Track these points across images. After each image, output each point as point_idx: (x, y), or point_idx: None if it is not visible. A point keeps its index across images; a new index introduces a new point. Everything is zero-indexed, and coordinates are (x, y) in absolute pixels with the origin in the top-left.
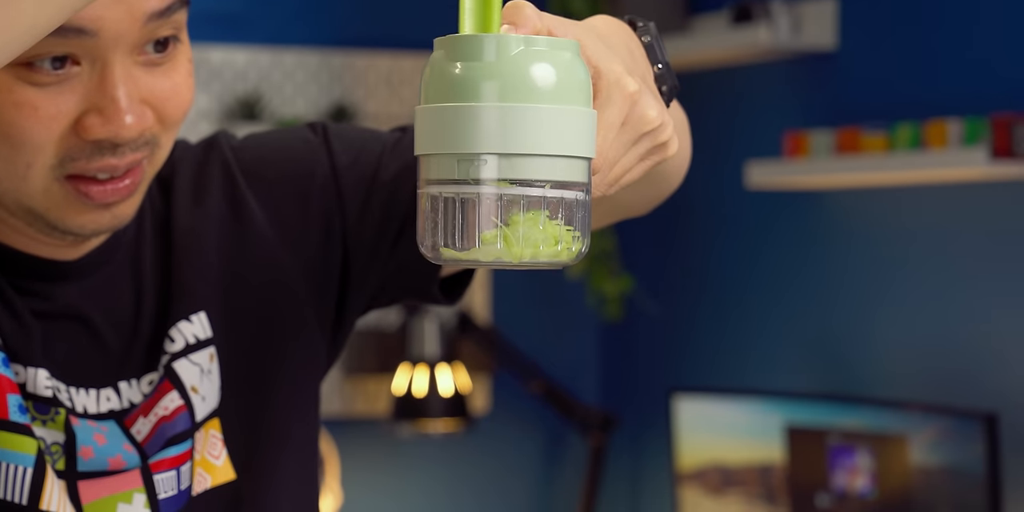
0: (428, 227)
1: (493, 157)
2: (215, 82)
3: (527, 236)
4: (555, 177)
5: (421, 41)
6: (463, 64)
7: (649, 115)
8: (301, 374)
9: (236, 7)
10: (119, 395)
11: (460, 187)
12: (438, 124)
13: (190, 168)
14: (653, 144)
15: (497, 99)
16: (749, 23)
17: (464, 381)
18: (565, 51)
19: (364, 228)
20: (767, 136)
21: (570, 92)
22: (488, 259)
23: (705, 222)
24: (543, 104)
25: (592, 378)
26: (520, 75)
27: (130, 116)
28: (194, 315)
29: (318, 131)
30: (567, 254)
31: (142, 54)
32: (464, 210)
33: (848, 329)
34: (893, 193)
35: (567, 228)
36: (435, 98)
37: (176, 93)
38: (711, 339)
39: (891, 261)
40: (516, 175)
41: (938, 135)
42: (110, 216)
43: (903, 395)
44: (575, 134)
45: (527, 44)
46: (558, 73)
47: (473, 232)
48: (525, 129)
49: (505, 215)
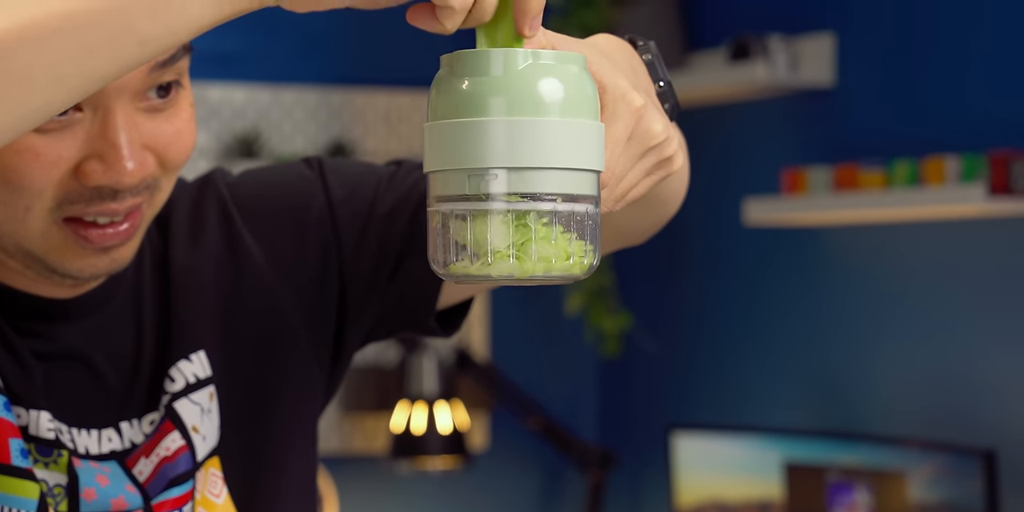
0: (439, 244)
1: (503, 171)
2: (214, 120)
3: (539, 251)
4: (565, 190)
5: (419, 78)
6: (470, 80)
7: (655, 129)
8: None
9: (235, 45)
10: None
11: (471, 203)
12: (447, 140)
13: (186, 206)
14: (659, 158)
15: (505, 113)
16: (747, 60)
17: (462, 418)
18: (572, 65)
19: (360, 261)
20: (765, 173)
21: (578, 105)
22: (500, 274)
23: (703, 259)
24: (551, 117)
25: (591, 415)
26: (528, 89)
27: (131, 162)
28: (194, 354)
29: (313, 166)
30: (579, 268)
31: (144, 100)
32: (475, 226)
33: (846, 366)
34: (891, 229)
35: (579, 241)
36: (443, 114)
37: (179, 138)
38: (709, 376)
39: (889, 298)
40: (526, 189)
41: (936, 172)
42: (108, 260)
43: (902, 432)
44: (584, 147)
45: (534, 58)
46: (566, 87)
47: (484, 248)
48: (534, 143)
49: (516, 230)
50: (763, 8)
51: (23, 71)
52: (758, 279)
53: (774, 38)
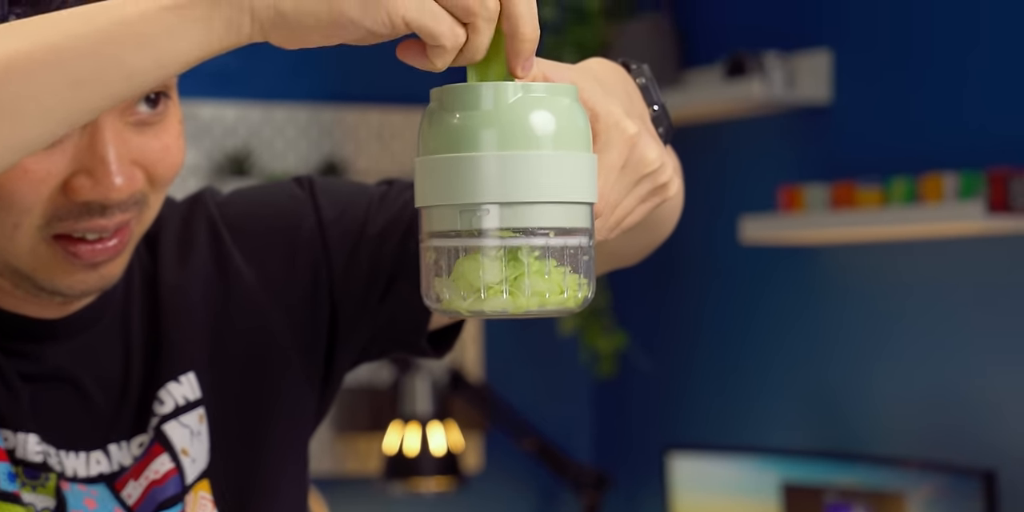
0: (431, 279)
1: (495, 206)
2: (205, 138)
3: (533, 286)
4: (558, 224)
5: (411, 96)
6: (461, 114)
7: (649, 156)
8: (290, 431)
9: (226, 62)
10: (109, 458)
11: (463, 239)
12: (438, 175)
13: (176, 225)
14: (653, 185)
15: (496, 148)
16: (743, 77)
17: (456, 439)
18: (563, 96)
19: (351, 282)
20: (761, 190)
21: (569, 137)
22: (494, 310)
23: (699, 278)
24: (543, 151)
25: (586, 436)
26: (519, 123)
27: (120, 178)
28: (183, 376)
29: (304, 185)
30: (574, 301)
31: (133, 114)
32: (467, 261)
33: (844, 385)
34: (888, 248)
35: (573, 275)
36: (434, 149)
37: (168, 154)
38: (706, 396)
39: (887, 317)
40: (519, 224)
41: (934, 189)
42: (97, 276)
43: (900, 452)
44: (576, 179)
45: (524, 91)
46: (557, 119)
47: (478, 283)
48: (526, 177)
49: (509, 265)
50: (759, 24)
51: (10, 104)
52: (755, 298)
53: (770, 55)
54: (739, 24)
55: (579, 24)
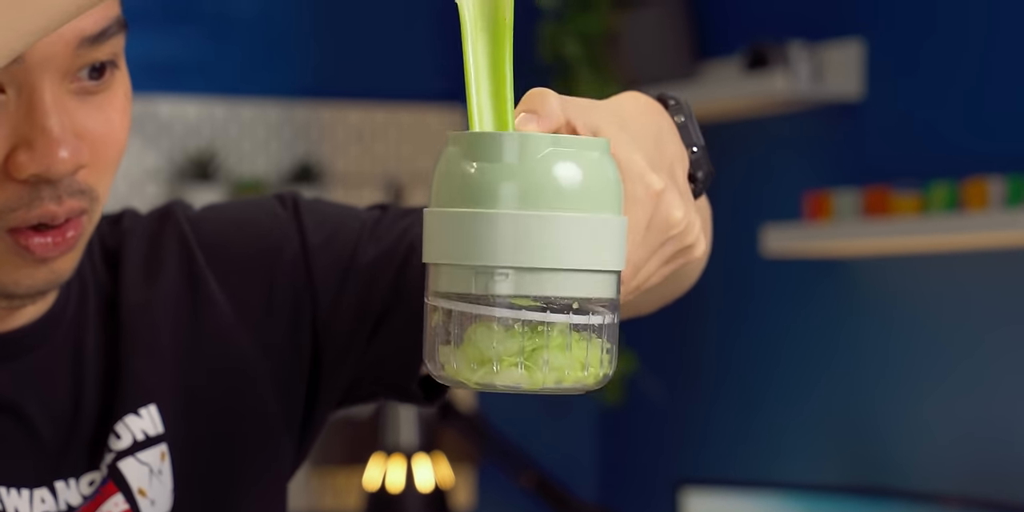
0: (437, 344)
1: (512, 271)
2: (164, 137)
3: (552, 361)
4: (583, 294)
5: (395, 92)
6: (480, 165)
7: (675, 216)
8: (265, 475)
9: (187, 53)
10: (55, 497)
11: (476, 307)
12: (450, 231)
13: (142, 241)
14: (679, 247)
15: (518, 206)
16: (765, 69)
17: (445, 474)
18: (594, 152)
19: (338, 317)
20: (785, 197)
21: (599, 198)
22: (506, 385)
23: (716, 294)
24: (569, 213)
25: (589, 470)
26: (544, 179)
27: (64, 149)
28: (143, 408)
29: (287, 204)
30: (594, 379)
31: (75, 81)
32: (479, 329)
33: (878, 414)
34: (927, 261)
35: (595, 349)
36: (447, 201)
37: (111, 131)
38: (724, 426)
39: (925, 338)
40: (539, 292)
41: (978, 195)
42: (47, 271)
43: (940, 487)
44: (605, 245)
45: (554, 145)
46: (586, 177)
47: (490, 354)
48: (549, 240)
49: (527, 336)
50: (783, 12)
51: None
52: (778, 316)
53: (795, 45)
54: (761, 11)
55: (583, 11)
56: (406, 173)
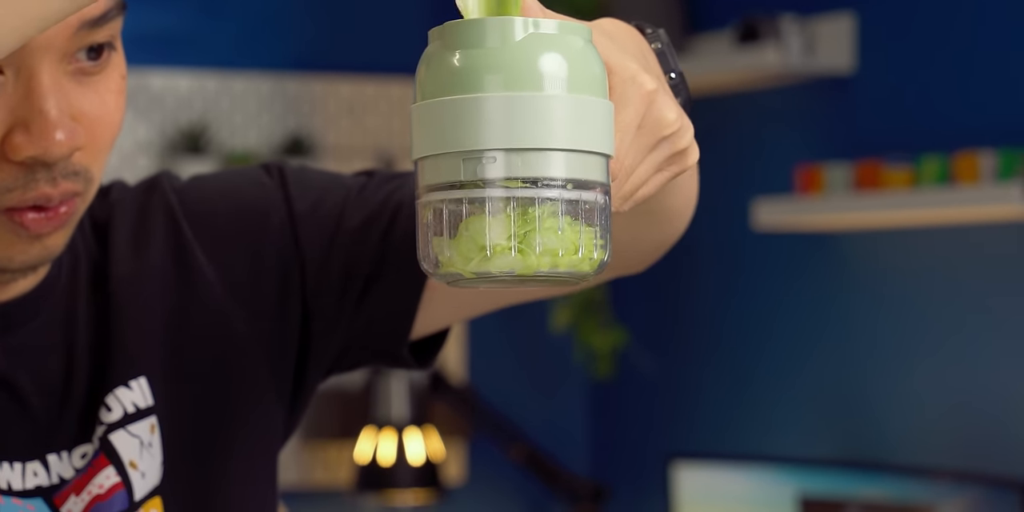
0: (429, 239)
1: (501, 153)
2: (155, 110)
3: (545, 243)
4: (572, 175)
5: (386, 64)
6: (463, 52)
7: (668, 117)
8: (255, 446)
9: (179, 26)
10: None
11: (466, 191)
12: (436, 121)
13: (130, 213)
14: (672, 151)
15: (503, 89)
16: (756, 43)
17: (436, 447)
18: (577, 36)
19: (326, 284)
20: (777, 170)
21: (585, 81)
22: (500, 270)
23: (707, 268)
24: (555, 93)
25: (580, 443)
26: (528, 62)
27: (61, 132)
28: (134, 381)
29: (273, 173)
30: (588, 264)
31: (73, 62)
32: (471, 216)
33: (868, 388)
34: (918, 234)
35: (588, 232)
36: (432, 93)
37: (106, 112)
38: (714, 399)
39: (916, 311)
40: (528, 173)
41: (969, 169)
42: (40, 247)
43: (930, 462)
44: (593, 126)
45: (535, 27)
46: (571, 60)
47: (483, 241)
48: (536, 121)
49: (519, 219)
50: None
51: None
52: (769, 290)
53: (787, 18)
54: None
55: None
56: (397, 146)
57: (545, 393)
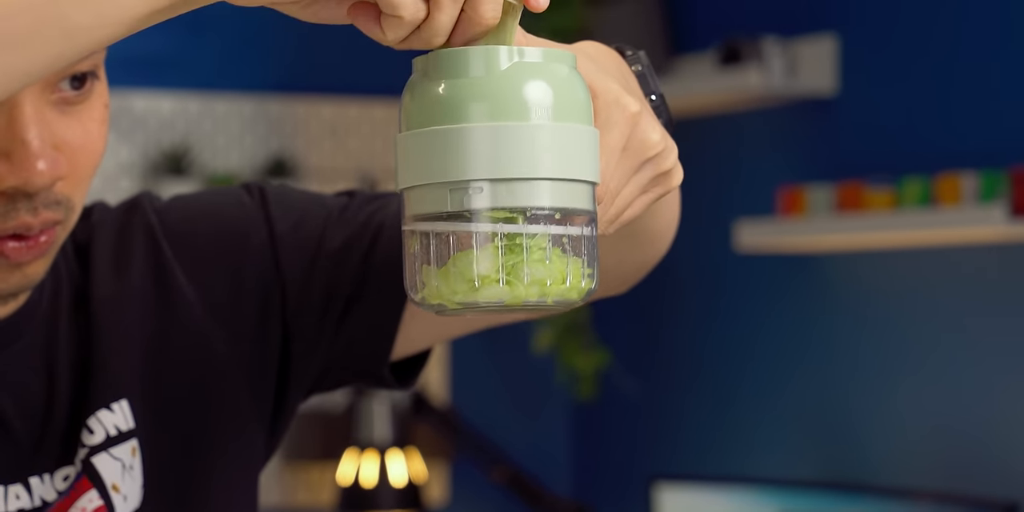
0: (417, 269)
1: (487, 184)
2: (138, 132)
3: (533, 274)
4: (559, 204)
5: (369, 86)
6: (448, 82)
7: (652, 138)
8: (236, 468)
9: (161, 47)
10: (30, 492)
11: (453, 223)
12: (422, 151)
13: (110, 234)
14: (656, 172)
15: (488, 118)
16: (738, 64)
17: (419, 469)
18: (561, 64)
19: (306, 304)
20: (759, 192)
21: (570, 109)
22: (489, 301)
23: (689, 289)
24: (540, 122)
25: (563, 465)
26: (513, 91)
27: (43, 162)
28: (115, 403)
29: (254, 193)
30: (576, 292)
31: (56, 92)
32: (458, 247)
33: (851, 409)
34: (900, 256)
35: (576, 262)
36: (418, 122)
37: (88, 142)
38: (697, 421)
39: (898, 333)
40: (515, 203)
41: (951, 191)
42: (20, 275)
43: (913, 483)
44: (578, 154)
45: (519, 56)
46: (555, 88)
47: (470, 272)
48: (522, 150)
49: (506, 250)
50: (756, 7)
51: None
52: (751, 311)
53: (769, 40)
54: (734, 7)
55: (556, 6)
56: (379, 167)
57: (528, 415)
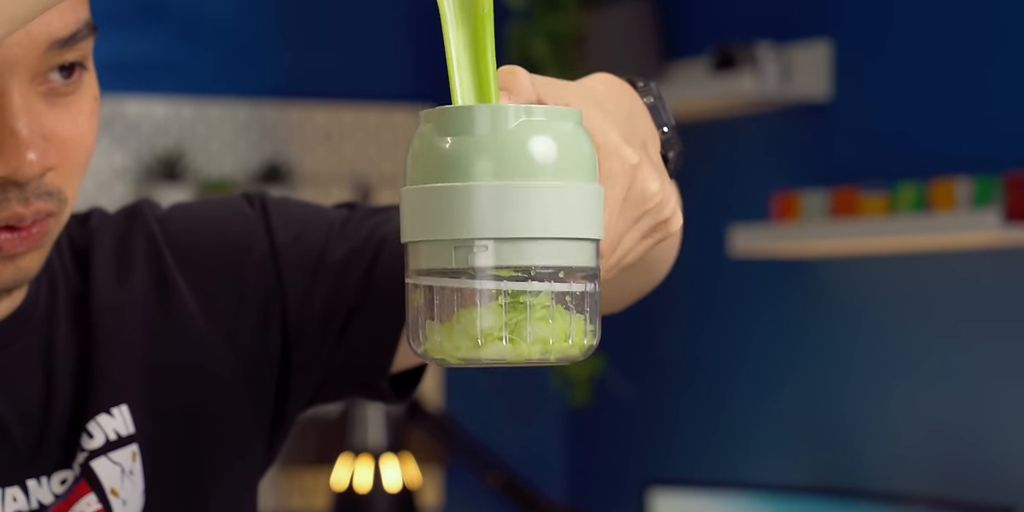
0: (420, 323)
1: (492, 242)
2: (132, 137)
3: (536, 332)
4: (563, 262)
5: (363, 92)
6: (454, 139)
7: (651, 189)
8: (235, 476)
9: (155, 53)
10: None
11: (457, 280)
12: (427, 207)
13: (111, 240)
14: (656, 221)
15: (493, 177)
16: (732, 70)
17: (413, 474)
18: (567, 121)
19: (307, 315)
20: (753, 197)
21: (574, 167)
22: (491, 358)
23: (684, 294)
24: (545, 181)
25: (557, 470)
26: (518, 150)
27: (32, 151)
28: (115, 408)
29: (255, 203)
30: (579, 349)
31: (44, 82)
32: (462, 304)
33: (846, 414)
34: (895, 261)
35: (579, 319)
36: (423, 177)
37: (78, 134)
38: (691, 426)
39: (892, 338)
40: (520, 262)
41: (945, 196)
42: (14, 268)
43: (907, 488)
44: (583, 213)
45: (526, 115)
46: (561, 147)
47: (473, 329)
48: (527, 209)
49: (510, 309)
50: (751, 12)
51: None
52: (746, 317)
53: (763, 46)
54: (728, 12)
55: (550, 11)
56: (374, 173)
57: (522, 420)
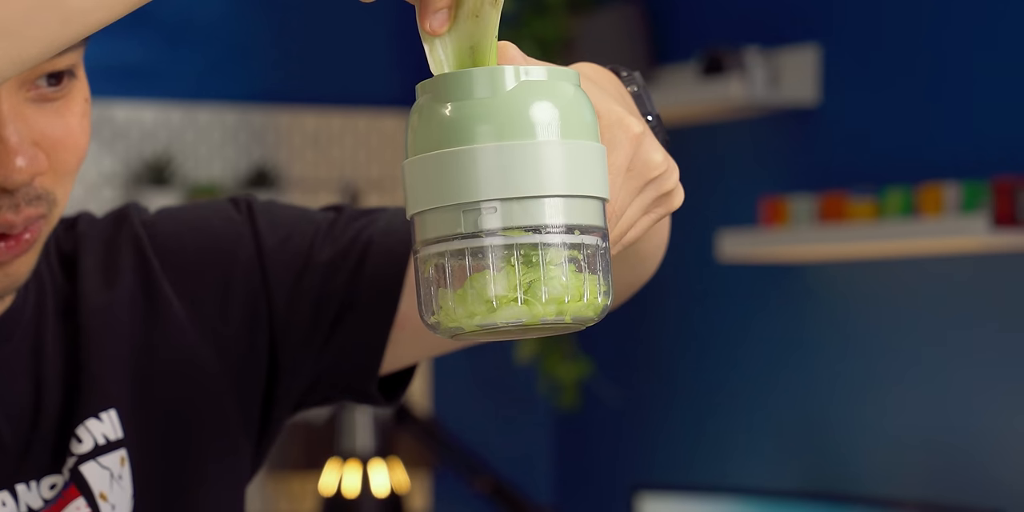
0: (433, 293)
1: (499, 203)
2: (120, 142)
3: (551, 291)
4: (572, 221)
5: (351, 96)
6: (454, 105)
7: (655, 159)
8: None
9: (143, 57)
10: (16, 499)
11: (467, 241)
12: (432, 175)
13: (98, 245)
14: (658, 193)
15: (496, 139)
16: (720, 75)
17: (401, 479)
18: (567, 83)
19: (293, 319)
20: (741, 202)
21: (577, 126)
22: (507, 321)
23: (672, 299)
24: (548, 139)
25: (545, 475)
26: (520, 110)
27: (21, 158)
28: (104, 413)
29: (241, 207)
30: (593, 309)
31: (33, 89)
32: (474, 269)
33: (835, 419)
34: (883, 266)
35: (592, 278)
36: (424, 147)
37: (69, 136)
38: (679, 430)
39: (880, 342)
40: (529, 221)
41: (933, 201)
42: (2, 275)
43: (896, 492)
44: (589, 171)
45: (525, 75)
46: (562, 106)
47: (487, 293)
48: (532, 169)
49: (522, 269)
50: (739, 17)
51: None
52: (734, 321)
53: (751, 51)
54: (716, 17)
55: (538, 16)
56: (362, 178)
57: (510, 424)
